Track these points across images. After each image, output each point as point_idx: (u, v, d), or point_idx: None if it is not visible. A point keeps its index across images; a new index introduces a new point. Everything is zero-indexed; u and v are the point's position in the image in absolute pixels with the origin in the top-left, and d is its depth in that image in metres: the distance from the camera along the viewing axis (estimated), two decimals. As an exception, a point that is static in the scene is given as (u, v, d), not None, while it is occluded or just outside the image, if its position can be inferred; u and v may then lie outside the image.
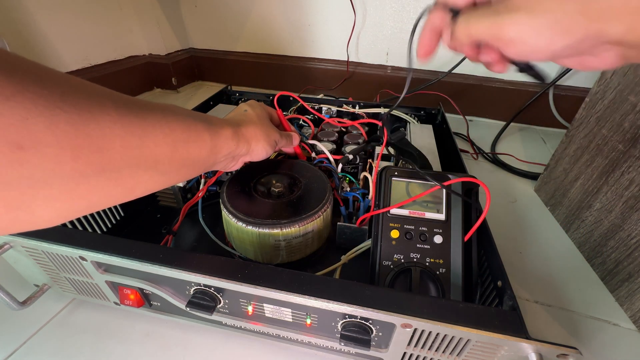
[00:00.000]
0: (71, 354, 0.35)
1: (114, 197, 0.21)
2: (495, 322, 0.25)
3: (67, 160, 0.17)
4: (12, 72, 0.15)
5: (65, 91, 0.17)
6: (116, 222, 0.46)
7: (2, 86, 0.14)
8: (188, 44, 1.14)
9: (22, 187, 0.16)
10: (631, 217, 0.42)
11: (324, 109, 0.68)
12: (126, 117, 0.20)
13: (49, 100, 0.16)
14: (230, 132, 0.31)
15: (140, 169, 0.22)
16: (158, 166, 0.23)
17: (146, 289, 0.33)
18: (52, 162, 0.16)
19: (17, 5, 0.72)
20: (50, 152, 0.16)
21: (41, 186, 0.17)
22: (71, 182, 0.18)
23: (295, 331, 0.32)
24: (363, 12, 0.92)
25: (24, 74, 0.16)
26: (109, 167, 0.19)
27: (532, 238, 0.54)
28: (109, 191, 0.20)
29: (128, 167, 0.21)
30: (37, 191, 0.17)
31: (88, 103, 0.18)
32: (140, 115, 0.21)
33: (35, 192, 0.17)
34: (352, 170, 0.50)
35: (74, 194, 0.18)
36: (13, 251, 0.33)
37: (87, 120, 0.18)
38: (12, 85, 0.15)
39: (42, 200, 0.17)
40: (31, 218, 0.17)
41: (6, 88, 0.15)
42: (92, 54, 0.89)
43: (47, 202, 0.17)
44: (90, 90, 0.19)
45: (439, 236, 0.35)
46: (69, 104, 0.17)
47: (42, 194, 0.17)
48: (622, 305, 0.43)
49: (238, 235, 0.38)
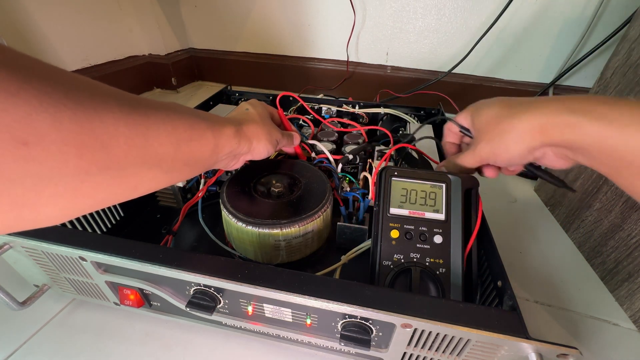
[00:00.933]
0: (71, 354, 0.35)
1: (117, 195, 0.21)
2: (495, 322, 0.25)
3: (71, 157, 0.17)
4: (16, 68, 0.15)
5: (69, 88, 0.17)
6: (116, 222, 0.46)
7: (7, 82, 0.14)
8: (188, 44, 1.14)
9: (27, 184, 0.16)
10: (631, 217, 0.42)
11: (323, 109, 0.68)
12: (130, 115, 0.20)
13: (54, 97, 0.16)
14: (232, 131, 0.31)
15: (144, 167, 0.22)
16: (161, 164, 0.23)
17: (146, 289, 0.33)
18: (56, 159, 0.16)
19: (17, 6, 0.72)
20: (55, 149, 0.16)
21: (46, 184, 0.17)
22: (75, 180, 0.18)
23: (295, 331, 0.32)
24: (363, 12, 0.92)
25: (28, 70, 0.16)
26: (113, 165, 0.19)
27: (532, 238, 0.54)
28: (113, 189, 0.20)
29: (132, 165, 0.21)
30: (41, 189, 0.16)
31: (92, 101, 0.18)
32: (144, 114, 0.21)
33: (39, 189, 0.16)
34: (352, 170, 0.50)
35: (78, 192, 0.18)
36: (13, 251, 0.33)
37: (92, 117, 0.18)
38: (16, 81, 0.15)
39: (47, 198, 0.17)
40: (35, 216, 0.17)
41: (11, 84, 0.15)
42: (92, 54, 0.89)
43: (52, 199, 0.17)
44: (95, 88, 0.19)
45: (439, 236, 0.35)
46: (73, 101, 0.17)
47: (47, 192, 0.17)
48: (622, 305, 0.43)
49: (238, 235, 0.38)
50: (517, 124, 0.28)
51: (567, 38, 0.80)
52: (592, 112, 0.24)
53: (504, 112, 0.30)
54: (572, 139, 0.25)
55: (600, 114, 0.24)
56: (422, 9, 0.87)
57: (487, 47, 0.86)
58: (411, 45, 0.93)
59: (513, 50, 0.86)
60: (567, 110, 0.25)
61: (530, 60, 0.86)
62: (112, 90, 0.20)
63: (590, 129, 0.24)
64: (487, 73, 0.91)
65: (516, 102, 0.30)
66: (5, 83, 0.14)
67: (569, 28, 0.79)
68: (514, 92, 0.90)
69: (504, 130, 0.29)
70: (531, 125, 0.27)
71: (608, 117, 0.23)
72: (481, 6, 0.82)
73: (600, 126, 0.23)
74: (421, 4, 0.86)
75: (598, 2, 0.73)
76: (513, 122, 0.28)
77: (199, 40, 1.13)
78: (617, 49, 0.48)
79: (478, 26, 0.84)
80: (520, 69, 0.88)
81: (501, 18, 0.78)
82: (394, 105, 0.68)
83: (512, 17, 0.81)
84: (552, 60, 0.84)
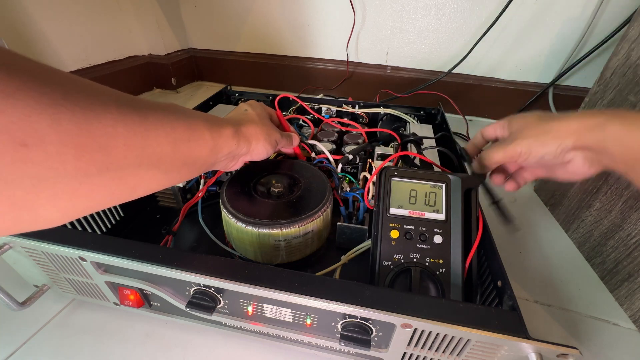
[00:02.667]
0: (71, 355, 0.35)
1: (116, 196, 0.21)
2: (495, 322, 0.25)
3: (70, 159, 0.17)
4: (14, 70, 0.15)
5: (68, 90, 0.17)
6: (116, 222, 0.46)
7: (4, 84, 0.14)
8: (187, 44, 1.14)
9: (26, 186, 0.16)
10: (631, 217, 0.42)
11: (323, 109, 0.68)
12: (129, 116, 0.20)
13: (52, 98, 0.16)
14: (231, 132, 0.31)
15: (143, 168, 0.22)
16: (160, 165, 0.23)
17: (146, 289, 0.33)
18: (55, 161, 0.16)
19: (17, 6, 0.72)
20: (54, 151, 0.16)
21: (44, 185, 0.16)
22: (74, 182, 0.18)
23: (295, 331, 0.32)
24: (363, 12, 0.92)
25: (26, 72, 0.16)
26: (112, 166, 0.19)
27: (532, 238, 0.54)
28: (112, 190, 0.20)
29: (131, 166, 0.21)
30: (40, 190, 0.16)
31: (91, 102, 0.18)
32: (142, 114, 0.21)
33: (38, 191, 0.16)
34: (351, 170, 0.50)
35: (77, 194, 0.18)
36: (13, 252, 0.33)
37: (90, 118, 0.18)
38: (14, 82, 0.15)
39: (46, 199, 0.17)
40: (34, 218, 0.17)
41: (8, 85, 0.14)
42: (92, 54, 0.89)
43: (51, 201, 0.17)
44: (93, 89, 0.19)
45: (439, 236, 0.35)
46: (71, 102, 0.17)
47: (46, 194, 0.17)
48: (622, 305, 0.43)
49: (238, 235, 0.38)
50: (557, 125, 0.32)
51: (566, 38, 0.80)
52: (616, 115, 0.28)
53: (545, 116, 0.33)
54: (597, 138, 0.29)
55: (623, 116, 0.28)
56: (422, 9, 0.87)
57: (487, 47, 0.86)
58: (411, 45, 0.93)
59: (513, 50, 0.86)
60: (596, 115, 0.29)
61: (530, 60, 0.86)
62: (110, 91, 0.20)
63: (613, 128, 0.28)
64: (487, 73, 0.91)
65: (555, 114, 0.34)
66: (3, 84, 0.14)
67: (569, 28, 0.79)
68: (514, 92, 0.90)
69: (545, 129, 0.32)
70: (569, 126, 0.31)
71: (628, 119, 0.27)
72: (481, 6, 0.82)
73: (620, 125, 0.27)
74: (421, 4, 0.86)
75: (598, 2, 0.73)
76: (553, 123, 0.32)
77: (199, 40, 1.13)
78: (616, 49, 0.48)
79: (478, 26, 0.84)
80: (520, 69, 0.88)
81: (501, 18, 0.78)
82: (394, 105, 0.68)
83: (512, 17, 0.81)
84: (552, 60, 0.84)
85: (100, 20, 0.89)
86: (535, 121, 0.33)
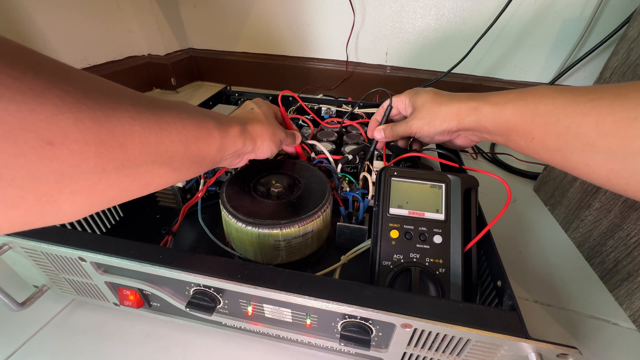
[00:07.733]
0: (71, 355, 0.35)
1: (130, 192, 0.22)
2: (495, 322, 0.25)
3: (91, 156, 0.17)
4: (39, 69, 0.15)
5: (88, 88, 0.17)
6: (115, 222, 0.46)
7: (33, 83, 0.15)
8: (187, 44, 1.14)
9: (50, 181, 0.16)
10: (630, 217, 0.42)
11: (323, 109, 0.68)
12: (144, 114, 0.21)
13: (75, 97, 0.16)
14: (237, 131, 0.32)
15: (156, 164, 0.22)
16: (172, 162, 0.24)
17: (146, 289, 0.33)
18: (78, 158, 0.17)
19: (16, 6, 0.72)
20: (77, 148, 0.17)
21: (67, 181, 0.17)
22: (94, 177, 0.18)
23: (295, 331, 0.32)
24: (362, 12, 0.92)
25: (51, 71, 0.16)
26: (128, 163, 0.20)
27: (531, 238, 0.54)
28: (127, 186, 0.21)
29: (145, 163, 0.21)
30: (63, 186, 0.17)
31: (109, 100, 0.18)
32: (157, 113, 0.22)
33: (62, 186, 0.17)
34: (351, 171, 0.50)
35: (95, 189, 0.19)
36: (12, 252, 0.33)
37: (110, 116, 0.18)
38: (41, 82, 0.15)
39: (68, 195, 0.18)
40: (56, 212, 0.18)
41: (37, 85, 0.15)
42: (91, 54, 0.89)
43: (72, 196, 0.18)
44: (110, 88, 0.19)
45: (439, 236, 0.35)
46: (93, 100, 0.17)
47: (68, 189, 0.17)
48: (622, 305, 0.43)
49: (238, 235, 0.38)
50: (443, 110, 0.37)
51: (566, 38, 0.80)
52: (487, 98, 0.34)
53: (436, 99, 0.38)
54: (475, 120, 0.34)
55: (492, 100, 0.33)
56: (421, 9, 0.87)
57: (486, 47, 0.87)
58: (411, 45, 0.93)
59: (512, 50, 0.86)
60: (472, 100, 0.35)
61: (529, 60, 0.86)
62: (126, 89, 0.21)
63: (486, 110, 0.33)
64: (487, 73, 0.91)
65: (445, 93, 0.39)
66: (33, 84, 0.15)
67: (568, 28, 0.79)
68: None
69: (435, 113, 0.38)
70: (451, 111, 0.36)
71: (495, 101, 0.33)
72: (481, 6, 0.82)
73: (491, 107, 0.33)
74: (421, 3, 0.86)
75: (597, 2, 0.73)
76: (441, 107, 0.37)
77: (199, 40, 1.13)
78: (616, 49, 0.49)
79: (478, 26, 0.84)
80: (519, 68, 0.88)
81: (501, 18, 0.78)
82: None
83: (511, 17, 0.81)
84: (552, 60, 0.84)
85: (99, 20, 0.89)
86: (429, 103, 0.38)
